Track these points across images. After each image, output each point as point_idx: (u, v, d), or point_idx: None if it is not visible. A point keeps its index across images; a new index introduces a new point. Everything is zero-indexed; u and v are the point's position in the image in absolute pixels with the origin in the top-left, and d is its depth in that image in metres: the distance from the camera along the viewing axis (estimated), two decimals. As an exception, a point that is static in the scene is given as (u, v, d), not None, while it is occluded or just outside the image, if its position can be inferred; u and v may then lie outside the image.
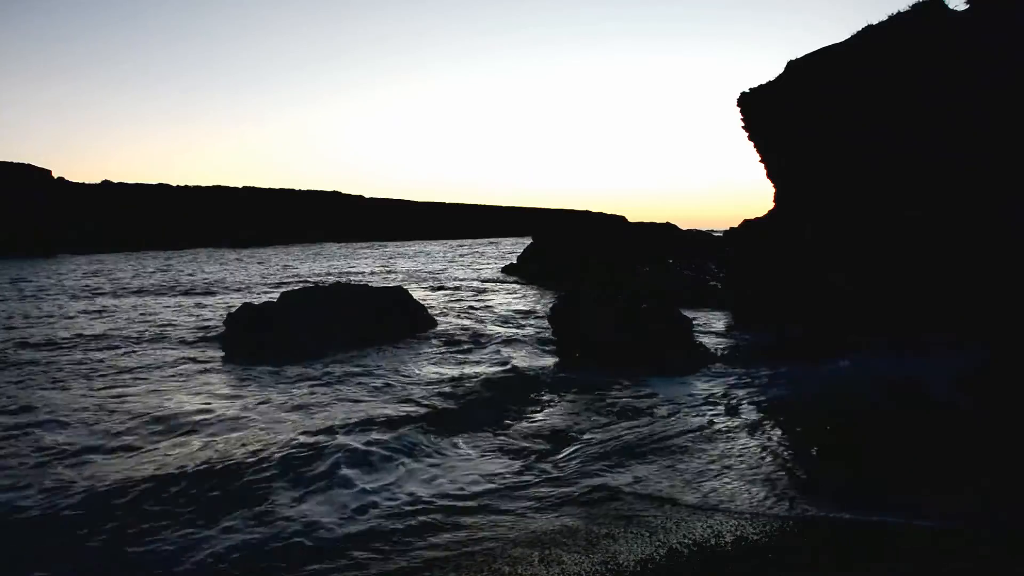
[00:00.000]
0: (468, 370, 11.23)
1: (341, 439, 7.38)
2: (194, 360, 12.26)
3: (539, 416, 8.45)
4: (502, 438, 7.51)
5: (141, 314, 19.42)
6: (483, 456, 6.90)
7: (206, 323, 17.02)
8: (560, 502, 5.80)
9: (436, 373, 11.03)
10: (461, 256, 57.08)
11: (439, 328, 15.55)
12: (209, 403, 9.19)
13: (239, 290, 27.40)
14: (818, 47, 14.47)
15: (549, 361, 11.94)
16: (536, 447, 7.27)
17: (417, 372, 11.09)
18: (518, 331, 15.42)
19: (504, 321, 17.20)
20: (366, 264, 47.45)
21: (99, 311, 20.28)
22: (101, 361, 12.12)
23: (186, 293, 26.08)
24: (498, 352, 12.71)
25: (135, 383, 10.44)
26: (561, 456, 6.99)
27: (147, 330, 15.94)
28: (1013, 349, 9.95)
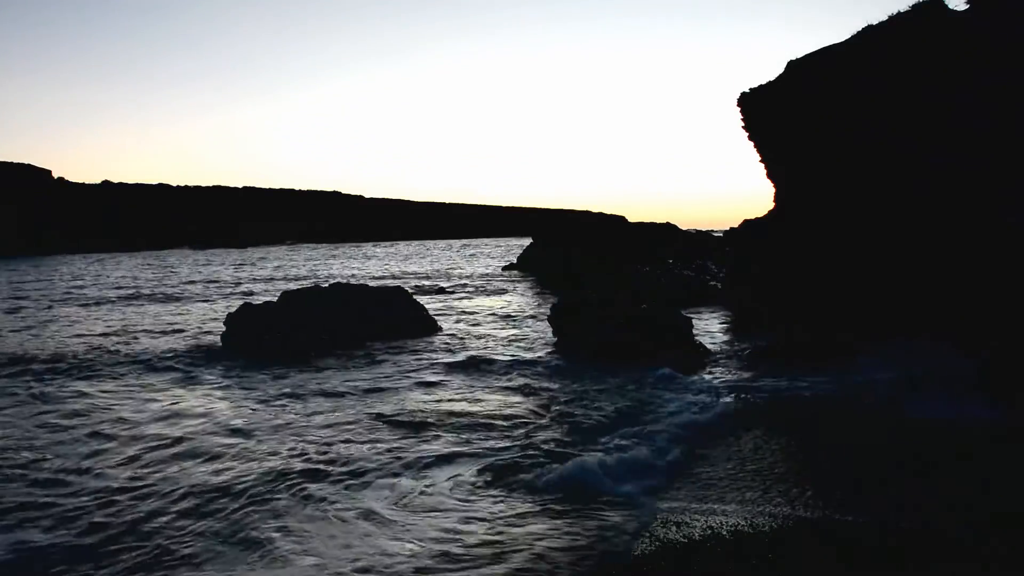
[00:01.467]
0: (466, 372, 11.22)
1: (334, 449, 7.38)
2: (193, 360, 12.24)
3: (537, 416, 8.43)
4: (498, 440, 7.50)
5: (141, 314, 19.42)
6: (478, 460, 6.89)
7: (205, 323, 17.02)
8: (559, 502, 5.78)
9: (435, 376, 11.02)
10: (461, 256, 57.08)
11: (438, 329, 15.54)
12: (206, 405, 9.18)
13: (238, 290, 27.39)
14: (818, 47, 14.47)
15: (548, 361, 11.91)
16: (535, 448, 7.25)
17: (416, 375, 11.08)
18: (517, 331, 15.41)
19: (503, 321, 17.18)
20: (366, 264, 47.46)
21: (99, 311, 20.28)
22: (99, 360, 12.10)
23: (185, 293, 26.07)
24: (496, 353, 12.68)
25: (133, 382, 10.43)
26: (560, 457, 6.98)
27: (147, 330, 15.93)
28: (1013, 349, 9.93)
